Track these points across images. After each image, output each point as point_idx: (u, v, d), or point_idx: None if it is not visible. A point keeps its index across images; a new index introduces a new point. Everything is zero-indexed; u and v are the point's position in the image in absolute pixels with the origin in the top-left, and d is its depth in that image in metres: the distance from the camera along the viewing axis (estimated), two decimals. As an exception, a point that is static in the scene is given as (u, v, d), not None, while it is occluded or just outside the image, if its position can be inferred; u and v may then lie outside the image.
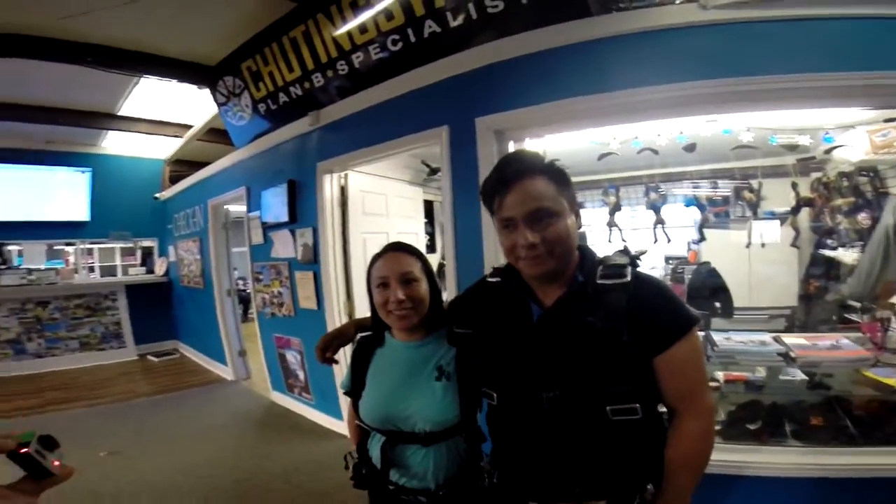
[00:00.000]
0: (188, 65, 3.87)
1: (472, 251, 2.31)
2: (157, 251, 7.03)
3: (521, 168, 0.96)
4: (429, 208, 4.66)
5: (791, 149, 2.54)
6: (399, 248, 1.23)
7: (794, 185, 2.67)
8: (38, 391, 4.79)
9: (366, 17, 2.62)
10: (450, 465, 1.15)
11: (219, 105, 4.12)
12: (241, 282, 7.30)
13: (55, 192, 6.16)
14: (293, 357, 3.80)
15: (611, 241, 3.04)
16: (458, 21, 2.35)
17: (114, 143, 6.37)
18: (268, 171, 3.86)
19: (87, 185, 6.34)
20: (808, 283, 2.75)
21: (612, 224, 3.07)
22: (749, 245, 2.84)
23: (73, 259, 6.61)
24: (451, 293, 2.38)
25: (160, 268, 6.77)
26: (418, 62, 2.55)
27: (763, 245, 2.83)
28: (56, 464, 0.52)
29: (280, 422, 3.78)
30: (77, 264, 6.56)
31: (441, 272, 2.95)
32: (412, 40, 2.56)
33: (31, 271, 5.75)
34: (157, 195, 6.75)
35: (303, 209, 3.48)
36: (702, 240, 2.96)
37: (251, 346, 4.97)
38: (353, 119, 3.01)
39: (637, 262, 1.00)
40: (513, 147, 2.25)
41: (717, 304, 2.69)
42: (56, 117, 5.03)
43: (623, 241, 3.02)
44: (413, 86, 2.60)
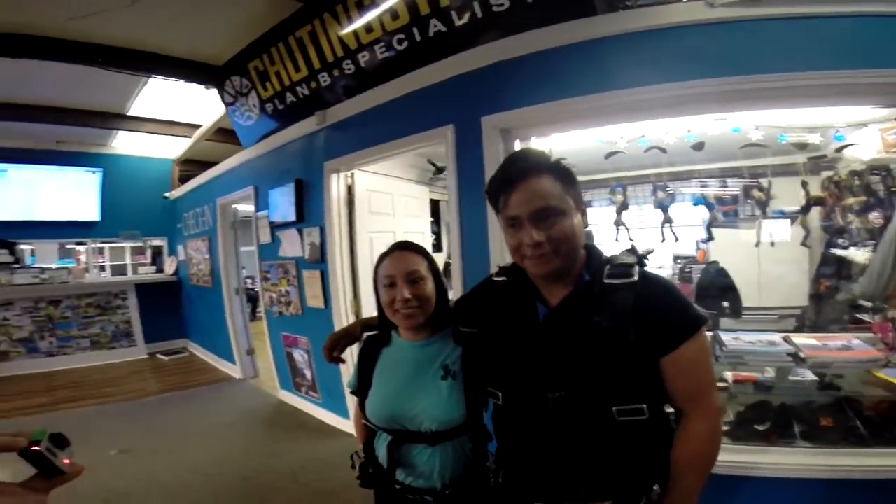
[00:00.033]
0: (195, 65, 3.90)
1: (478, 250, 2.30)
2: (166, 250, 7.09)
3: (526, 167, 0.96)
4: (435, 207, 4.67)
5: (801, 147, 2.51)
6: (406, 248, 1.23)
7: (805, 184, 2.64)
8: (49, 389, 4.84)
9: (371, 17, 2.63)
10: (456, 465, 1.15)
11: (226, 105, 4.15)
12: (250, 281, 7.35)
13: (66, 192, 6.23)
14: (300, 356, 3.83)
15: (618, 240, 3.02)
16: (464, 20, 2.35)
17: (124, 143, 6.45)
18: (275, 171, 3.88)
19: (97, 185, 6.42)
20: (819, 283, 2.71)
21: (619, 223, 3.05)
22: (758, 244, 2.81)
23: (84, 258, 6.68)
24: (457, 292, 2.38)
25: (170, 267, 6.83)
26: (424, 61, 2.55)
27: (772, 244, 2.80)
28: (66, 462, 0.53)
29: (287, 420, 3.80)
30: (88, 263, 6.64)
31: (447, 271, 2.95)
32: (417, 39, 2.56)
33: (43, 270, 5.81)
34: (167, 194, 6.81)
35: (310, 208, 3.49)
36: (710, 239, 2.94)
37: (259, 345, 5.00)
38: (360, 118, 3.01)
39: (644, 261, 0.99)
40: (519, 146, 2.24)
41: (725, 303, 2.67)
42: (67, 117, 5.08)
43: (630, 240, 3.00)
44: (418, 85, 2.60)
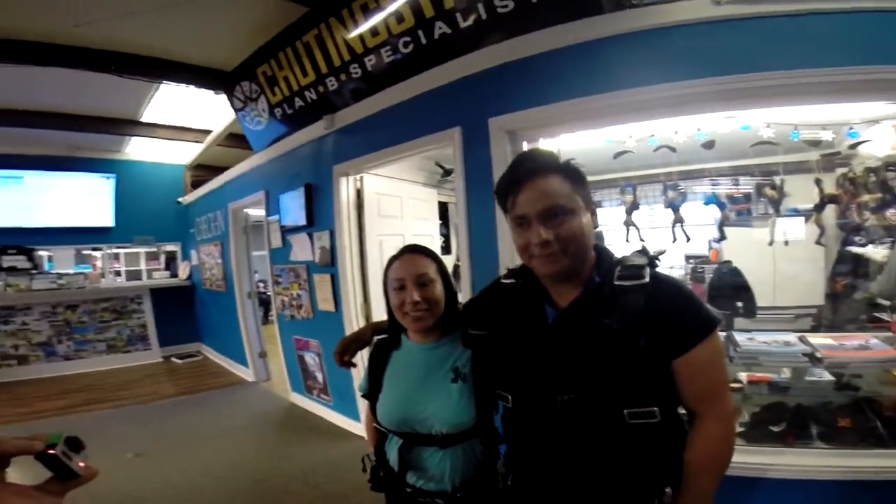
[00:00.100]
0: (205, 70, 3.95)
1: (487, 252, 2.30)
2: (180, 255, 7.18)
3: (534, 166, 0.96)
4: (443, 210, 4.66)
5: (814, 144, 2.46)
6: (415, 251, 1.23)
7: (818, 182, 2.59)
8: (66, 393, 4.93)
9: (377, 20, 2.64)
10: (466, 468, 1.15)
11: (236, 110, 4.19)
12: (262, 284, 7.41)
13: (82, 199, 6.34)
14: (312, 359, 3.85)
15: (628, 240, 3.00)
16: (469, 22, 2.34)
17: (137, 150, 6.55)
18: (285, 175, 3.91)
19: (111, 191, 6.51)
20: (835, 282, 2.66)
21: (629, 223, 3.02)
22: (772, 243, 2.76)
23: (100, 264, 6.80)
24: (465, 294, 2.37)
25: (183, 271, 6.92)
26: (430, 64, 2.55)
27: (786, 243, 2.75)
28: (81, 465, 0.53)
29: (299, 423, 3.82)
30: (104, 269, 6.74)
31: (456, 273, 2.95)
32: (423, 42, 2.56)
33: (60, 276, 5.93)
34: (180, 200, 6.91)
35: (320, 212, 3.52)
36: (722, 238, 2.90)
37: (271, 348, 5.04)
38: (367, 122, 3.03)
39: (656, 262, 0.98)
40: (526, 147, 2.23)
41: (739, 303, 2.63)
42: (82, 124, 5.17)
43: (641, 240, 2.98)
44: (425, 87, 2.61)
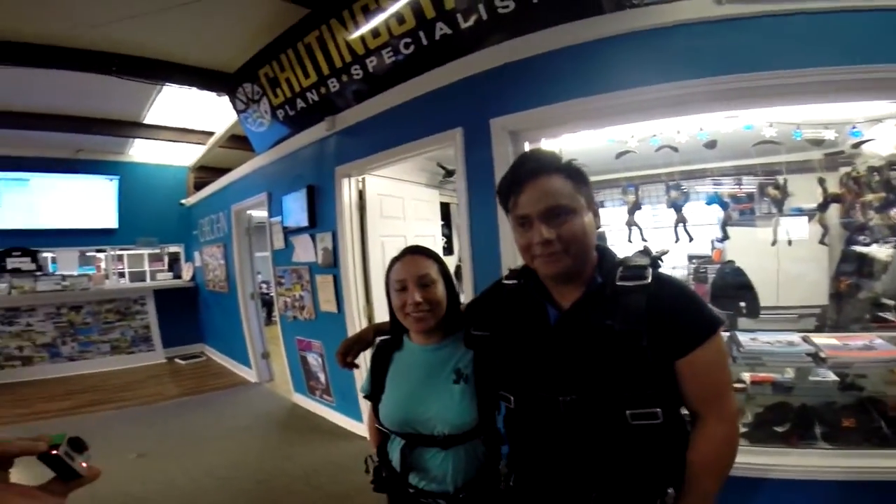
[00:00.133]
0: (208, 72, 3.97)
1: (489, 252, 2.30)
2: (183, 256, 7.21)
3: (536, 167, 0.95)
4: (445, 210, 4.67)
5: (817, 144, 2.45)
6: (416, 252, 1.23)
7: (821, 181, 2.58)
8: (70, 394, 4.95)
9: (378, 22, 2.64)
10: (469, 469, 1.15)
11: (238, 112, 4.20)
12: (265, 286, 7.43)
13: (86, 200, 6.37)
14: (314, 359, 3.86)
15: (631, 240, 2.99)
16: (469, 23, 2.34)
17: (140, 151, 6.58)
18: (288, 177, 3.92)
19: (115, 193, 6.54)
20: (840, 281, 2.64)
21: (631, 223, 3.02)
22: (775, 243, 2.75)
23: (104, 265, 6.84)
24: (468, 295, 2.37)
25: (187, 273, 6.95)
26: (431, 65, 2.56)
27: (790, 242, 2.74)
28: (84, 465, 0.54)
29: (301, 423, 3.83)
30: (108, 270, 6.78)
31: (458, 274, 2.95)
32: (424, 43, 2.56)
33: (64, 277, 5.97)
34: (183, 201, 6.94)
35: (322, 214, 3.52)
36: (725, 238, 2.89)
37: (274, 349, 5.05)
38: (369, 123, 3.04)
39: (658, 262, 0.97)
40: (528, 147, 2.23)
41: (742, 303, 2.62)
42: (85, 126, 5.20)
43: (643, 240, 2.97)
44: (426, 88, 2.61)
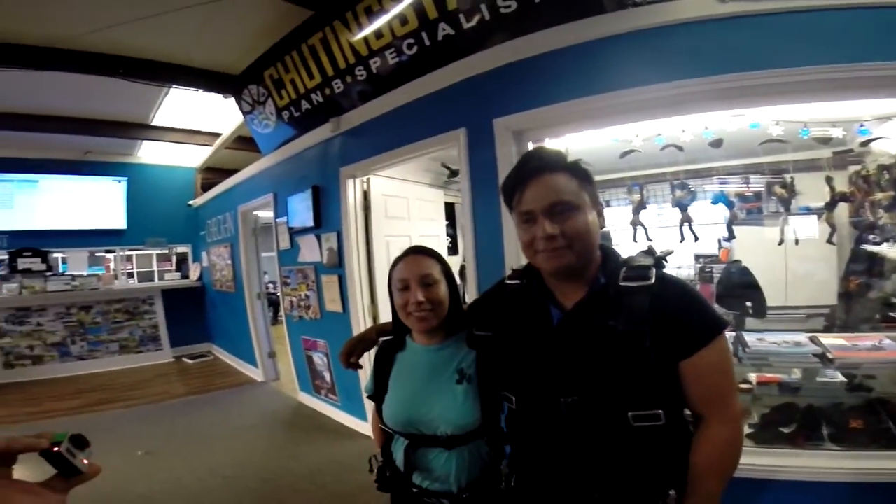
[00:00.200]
0: (213, 74, 4.00)
1: (493, 252, 2.30)
2: (190, 257, 7.28)
3: (541, 164, 0.96)
4: (450, 210, 4.67)
5: (824, 142, 2.42)
6: (419, 252, 1.24)
7: (829, 180, 2.54)
8: (79, 392, 5.01)
9: (381, 23, 2.65)
10: (472, 469, 1.15)
11: (244, 113, 4.23)
12: (271, 285, 7.48)
13: (95, 202, 6.45)
14: (320, 359, 3.87)
15: (636, 240, 2.97)
16: (472, 23, 2.34)
17: (148, 153, 6.64)
18: (293, 177, 3.94)
19: (123, 194, 6.61)
20: (849, 281, 2.61)
21: (636, 223, 3.00)
22: (781, 242, 2.72)
23: (113, 265, 6.91)
24: (472, 294, 2.37)
25: (194, 273, 7.01)
26: (434, 65, 2.56)
27: (797, 242, 2.71)
28: (85, 462, 0.54)
29: (307, 422, 3.85)
30: (117, 270, 6.85)
31: (463, 274, 2.95)
32: (427, 44, 2.56)
33: (74, 277, 6.04)
34: (191, 202, 6.99)
35: (327, 214, 3.54)
36: (731, 237, 2.86)
37: (280, 349, 5.09)
38: (373, 124, 3.04)
39: (663, 263, 0.97)
40: (531, 147, 2.23)
41: (748, 303, 2.60)
42: (94, 129, 5.26)
43: (649, 240, 2.95)
44: (430, 89, 2.61)
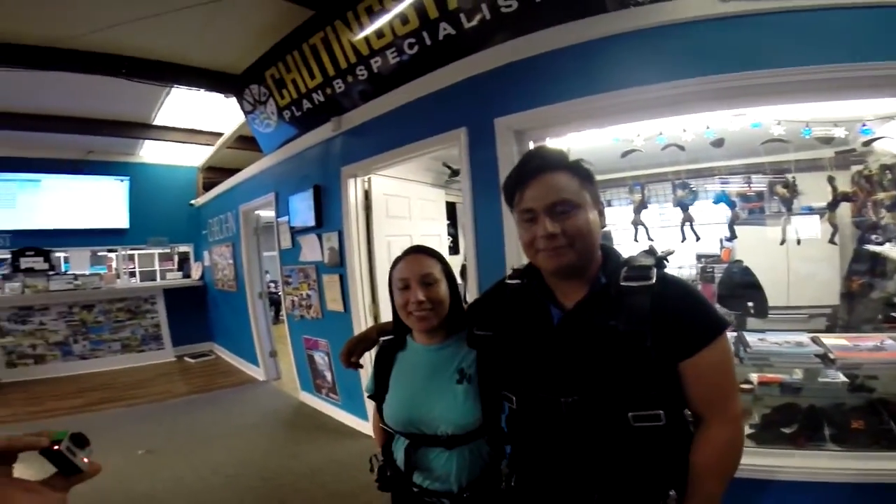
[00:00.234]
0: (215, 74, 4.00)
1: (494, 251, 2.30)
2: (192, 256, 7.29)
3: (543, 164, 0.96)
4: (451, 210, 4.67)
5: (826, 142, 2.41)
6: (419, 251, 1.24)
7: (831, 180, 2.53)
8: (81, 391, 5.03)
9: (382, 22, 2.65)
10: (473, 468, 1.15)
11: (246, 113, 4.24)
12: (273, 285, 7.48)
13: (97, 201, 6.46)
14: (321, 358, 3.88)
15: (637, 240, 2.97)
16: (473, 22, 2.35)
17: (150, 153, 6.65)
18: (295, 177, 3.94)
19: (125, 194, 6.63)
20: (851, 281, 2.60)
21: (637, 223, 3.00)
22: (783, 242, 2.71)
23: (115, 264, 6.92)
24: (473, 294, 2.37)
25: (196, 272, 7.02)
26: (435, 65, 2.56)
27: (798, 242, 2.70)
28: (85, 460, 0.54)
29: (308, 422, 3.85)
30: (119, 270, 6.86)
31: (464, 274, 2.95)
32: (428, 43, 2.57)
33: (76, 277, 6.06)
34: (193, 202, 7.01)
35: (329, 213, 3.54)
36: (733, 237, 2.86)
37: (282, 348, 5.09)
38: (374, 123, 3.05)
39: (664, 263, 0.97)
40: (532, 147, 2.22)
41: (750, 303, 2.59)
42: (96, 128, 5.27)
43: (650, 239, 2.95)
44: (431, 88, 2.61)
